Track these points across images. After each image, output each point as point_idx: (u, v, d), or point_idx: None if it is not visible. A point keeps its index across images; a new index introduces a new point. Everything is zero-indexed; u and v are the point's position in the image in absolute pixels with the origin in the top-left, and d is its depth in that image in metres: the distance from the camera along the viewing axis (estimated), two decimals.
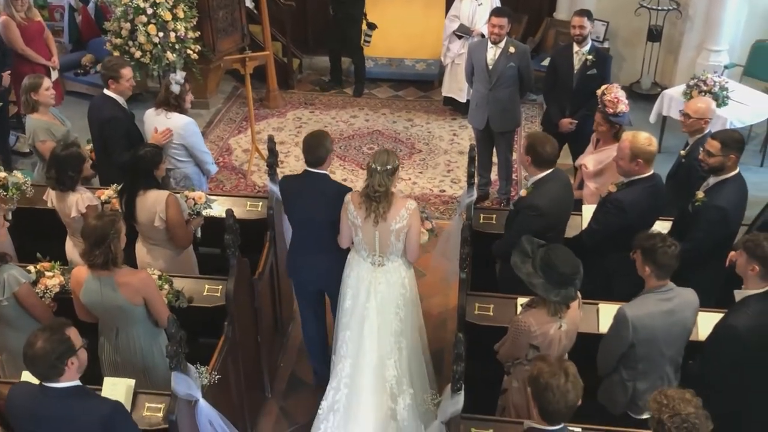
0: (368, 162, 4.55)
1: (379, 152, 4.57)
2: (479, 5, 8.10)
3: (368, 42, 9.15)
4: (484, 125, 6.95)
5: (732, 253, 4.07)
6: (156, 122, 5.73)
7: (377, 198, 4.47)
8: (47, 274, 4.59)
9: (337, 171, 7.89)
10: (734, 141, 4.65)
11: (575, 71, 6.62)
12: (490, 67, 6.70)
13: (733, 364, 3.86)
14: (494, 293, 4.64)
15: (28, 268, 4.58)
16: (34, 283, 4.51)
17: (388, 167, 4.45)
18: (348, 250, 4.80)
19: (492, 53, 6.68)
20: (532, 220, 4.53)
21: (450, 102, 9.01)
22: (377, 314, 4.71)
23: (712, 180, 4.72)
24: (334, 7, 8.89)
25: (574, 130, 6.70)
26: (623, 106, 5.41)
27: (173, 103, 5.70)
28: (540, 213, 4.53)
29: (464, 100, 8.56)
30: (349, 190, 4.73)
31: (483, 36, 7.81)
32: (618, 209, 4.64)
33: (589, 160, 5.68)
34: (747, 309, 3.86)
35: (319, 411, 4.89)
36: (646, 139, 4.61)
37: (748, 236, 4.00)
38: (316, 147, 4.67)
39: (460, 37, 8.31)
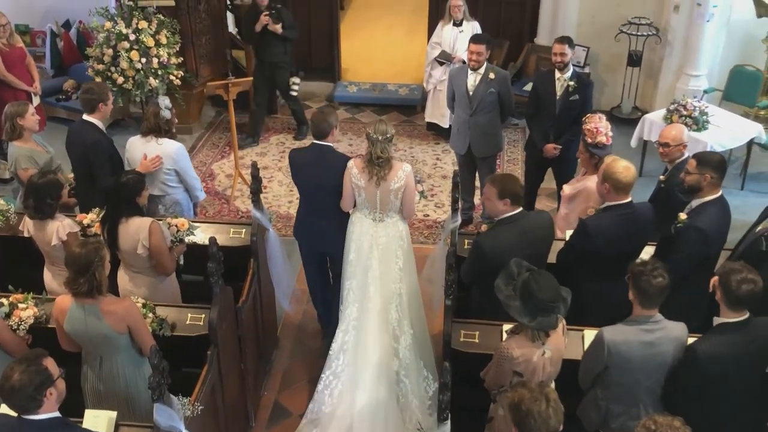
0: (367, 132, 5.14)
1: (378, 123, 5.16)
2: (460, 32, 8.16)
3: (296, 91, 8.94)
4: (466, 150, 6.98)
5: (714, 278, 4.08)
6: (146, 149, 5.71)
7: (380, 163, 5.08)
8: (20, 305, 4.52)
9: None
10: (710, 160, 4.66)
11: (557, 97, 6.67)
12: (471, 93, 6.75)
13: (694, 390, 3.89)
14: (480, 320, 4.62)
15: (0, 300, 4.51)
16: (8, 315, 4.44)
17: (387, 135, 5.08)
18: (348, 217, 5.35)
19: (472, 79, 6.73)
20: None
21: (433, 127, 9.04)
22: (379, 264, 5.28)
23: (694, 203, 4.74)
24: (259, 54, 8.56)
25: (558, 155, 6.74)
26: (603, 137, 5.39)
27: (165, 128, 5.72)
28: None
29: (447, 126, 8.59)
30: (348, 160, 5.28)
31: (464, 63, 7.83)
32: (583, 233, 4.66)
33: (567, 186, 5.72)
34: (714, 335, 3.89)
35: (330, 352, 5.40)
36: (623, 167, 4.59)
37: (727, 263, 4.01)
38: (321, 122, 5.27)
39: (441, 64, 8.36)
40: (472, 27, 8.11)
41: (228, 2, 8.04)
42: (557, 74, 6.67)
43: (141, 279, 4.94)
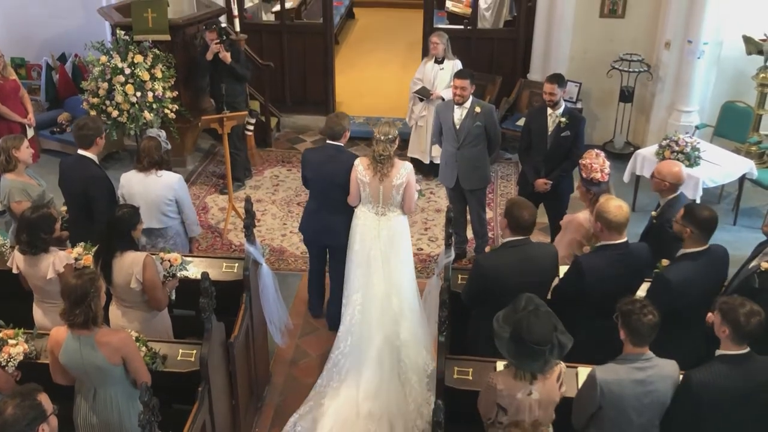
0: (374, 132, 5.70)
1: (382, 124, 5.74)
2: (441, 69, 8.21)
3: (250, 131, 8.86)
4: (455, 183, 7.04)
5: (710, 314, 4.08)
6: (146, 184, 5.76)
7: (382, 160, 5.62)
8: (10, 341, 4.49)
9: None
10: (696, 216, 4.61)
11: (549, 133, 6.72)
12: (458, 126, 6.81)
13: (688, 421, 3.88)
14: (473, 356, 4.59)
15: None
16: None
17: (389, 136, 5.63)
18: (350, 214, 5.87)
19: (459, 113, 6.80)
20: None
21: (414, 162, 9.04)
22: (381, 254, 5.76)
23: (681, 251, 4.75)
24: (216, 99, 8.27)
25: (550, 190, 6.78)
26: (597, 174, 5.41)
27: (166, 160, 5.80)
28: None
29: (427, 161, 8.66)
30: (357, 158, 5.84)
31: (443, 99, 7.99)
32: (575, 271, 4.67)
33: (566, 218, 5.74)
34: (713, 365, 3.91)
35: (338, 333, 5.89)
36: (615, 206, 4.61)
37: (725, 298, 4.01)
38: (336, 124, 5.91)
39: (421, 100, 8.40)
40: (453, 65, 8.14)
41: (223, 37, 8.08)
42: (549, 110, 6.73)
43: (133, 314, 4.92)
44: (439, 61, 8.21)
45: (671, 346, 4.42)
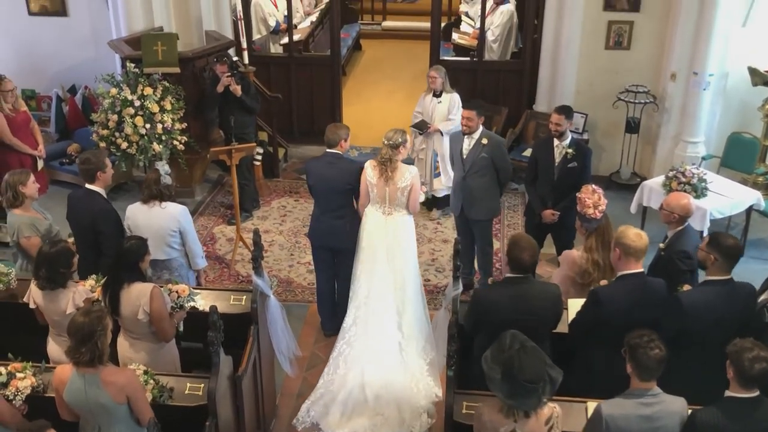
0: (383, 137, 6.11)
1: (390, 130, 6.15)
2: (438, 103, 8.24)
3: (258, 162, 9.02)
4: (459, 211, 7.10)
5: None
6: (150, 215, 5.81)
7: (385, 163, 6.06)
8: (18, 375, 4.47)
9: None
10: (721, 243, 4.64)
11: (556, 163, 6.75)
12: (464, 156, 6.88)
13: None
14: (483, 391, 4.55)
15: None
16: (5, 384, 4.40)
17: (391, 142, 6.06)
18: (356, 216, 6.31)
19: (467, 143, 6.87)
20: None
21: None
22: (386, 251, 6.17)
23: (704, 278, 4.75)
24: (226, 131, 8.31)
25: (557, 221, 6.78)
26: (591, 210, 5.41)
27: (166, 194, 5.83)
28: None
29: (422, 199, 8.64)
30: (358, 163, 6.32)
31: (441, 133, 8.13)
32: (593, 302, 4.66)
33: (564, 253, 5.75)
34: (716, 408, 3.87)
35: (344, 325, 6.26)
36: (635, 233, 4.65)
37: (737, 339, 3.97)
38: (333, 133, 6.30)
39: (421, 133, 8.43)
40: (451, 98, 8.21)
41: (234, 69, 8.17)
42: (555, 141, 6.76)
43: (141, 345, 4.93)
44: (437, 95, 8.26)
45: (682, 374, 4.41)
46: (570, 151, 6.66)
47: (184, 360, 5.17)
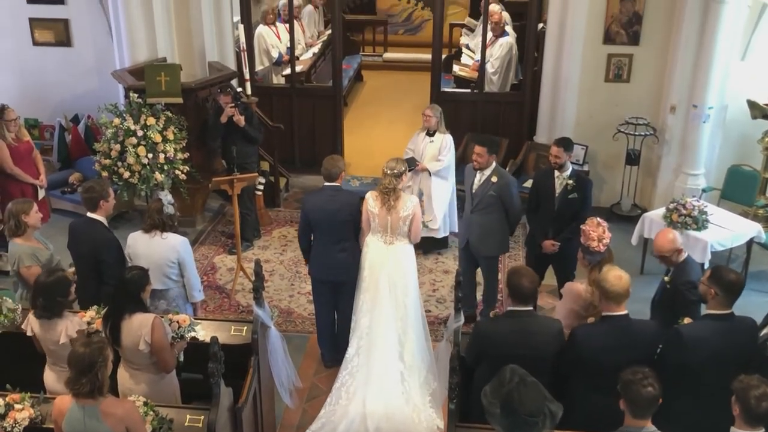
0: (383, 168, 6.22)
1: (391, 160, 6.29)
2: (430, 142, 8.17)
3: (261, 189, 9.05)
4: (465, 244, 7.13)
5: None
6: (151, 245, 5.81)
7: (387, 192, 6.13)
8: (17, 406, 4.45)
9: None
10: (721, 277, 4.62)
11: (556, 195, 6.78)
12: (474, 190, 6.90)
13: None
14: (484, 424, 4.52)
15: None
16: (3, 416, 4.37)
17: (394, 171, 6.17)
18: (355, 248, 6.36)
19: (478, 178, 6.90)
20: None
21: None
22: (388, 279, 6.21)
23: (705, 311, 4.74)
24: (228, 161, 8.32)
25: (558, 252, 6.78)
26: (595, 243, 5.40)
27: (168, 224, 5.83)
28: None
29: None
30: (358, 195, 6.43)
31: (429, 173, 8.09)
32: (570, 341, 4.66)
33: (567, 285, 5.72)
34: None
35: (346, 355, 6.30)
36: (614, 276, 4.58)
37: (742, 376, 3.95)
38: (332, 167, 6.36)
39: (409, 169, 8.41)
40: (443, 139, 8.13)
41: (238, 100, 8.23)
42: (556, 173, 6.79)
43: (141, 376, 4.91)
44: (431, 134, 8.18)
45: (680, 410, 4.37)
46: (570, 182, 6.70)
47: (184, 391, 5.14)
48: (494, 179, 6.80)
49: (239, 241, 8.04)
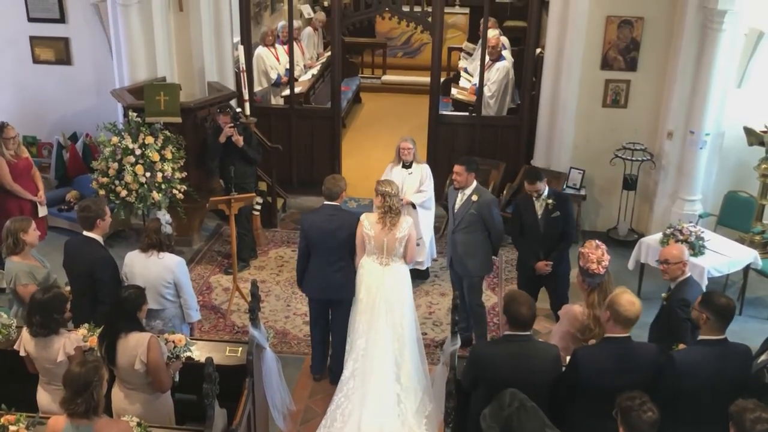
0: (379, 189, 6.30)
1: (385, 182, 6.39)
2: (409, 174, 8.08)
3: (258, 210, 9.08)
4: (449, 264, 7.19)
5: None
6: (147, 264, 5.81)
7: (394, 213, 6.22)
8: (11, 428, 4.42)
9: None
10: (713, 302, 4.63)
11: (539, 217, 6.83)
12: (456, 210, 6.97)
13: None
14: None
15: None
16: None
17: (397, 191, 6.34)
18: (350, 268, 6.40)
19: (459, 198, 6.96)
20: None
21: None
22: (384, 301, 6.24)
23: (698, 337, 4.74)
24: (226, 181, 8.37)
25: (550, 272, 6.83)
26: (594, 266, 5.39)
27: (165, 243, 5.84)
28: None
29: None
30: (355, 216, 6.44)
31: (414, 206, 7.99)
32: (571, 363, 4.66)
33: (564, 308, 5.71)
34: None
35: (341, 378, 6.32)
36: (628, 301, 4.59)
37: (739, 400, 3.95)
38: (334, 186, 6.44)
39: None
40: (422, 170, 8.11)
41: (237, 120, 8.27)
42: (534, 196, 6.85)
43: (136, 396, 4.89)
44: (407, 166, 8.11)
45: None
46: (550, 202, 6.79)
47: (178, 412, 5.12)
48: (475, 198, 6.85)
49: (235, 261, 8.04)
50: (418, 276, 8.46)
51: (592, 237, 6.38)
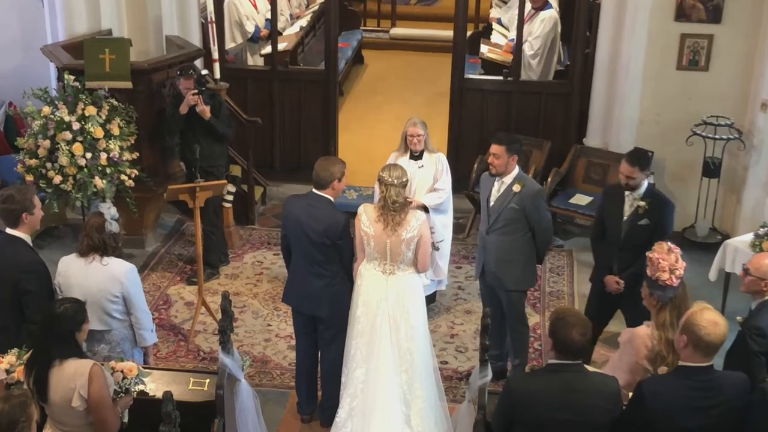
0: (380, 175, 6.21)
1: (391, 167, 6.30)
2: (420, 167, 7.84)
3: (230, 201, 9.12)
4: (480, 273, 7.16)
5: None
6: (87, 272, 5.80)
7: (395, 208, 6.11)
8: None
9: None
10: None
11: (624, 218, 6.75)
12: (491, 204, 6.92)
13: None
14: None
15: None
16: None
17: (403, 180, 6.17)
18: (338, 276, 6.35)
19: (496, 187, 6.90)
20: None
21: None
22: (389, 320, 6.20)
23: None
24: (189, 164, 8.51)
25: (625, 293, 6.72)
26: (666, 275, 5.36)
27: (111, 245, 5.82)
28: None
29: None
30: (346, 216, 6.33)
31: (426, 210, 7.65)
32: (636, 396, 4.65)
33: (625, 332, 5.71)
34: None
35: (336, 419, 6.32)
36: (710, 321, 4.56)
37: None
38: (322, 170, 6.31)
39: None
40: (436, 161, 7.88)
41: (202, 86, 8.27)
42: (626, 191, 6.76)
43: None
44: (417, 157, 7.86)
45: None
46: (642, 204, 6.65)
47: None
48: (516, 188, 6.79)
49: (201, 267, 8.05)
50: (427, 300, 7.86)
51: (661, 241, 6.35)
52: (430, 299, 8.09)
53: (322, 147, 10.23)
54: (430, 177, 7.85)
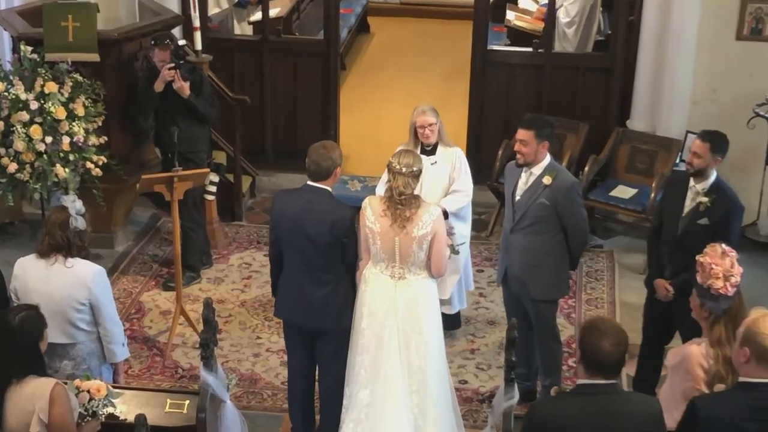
0: (389, 162, 6.13)
1: (402, 153, 6.25)
2: (433, 163, 7.62)
3: (213, 193, 9.12)
4: (502, 278, 7.17)
5: None
6: (49, 276, 5.81)
7: (403, 201, 6.03)
8: None
9: None
10: None
11: (683, 214, 6.73)
12: (516, 198, 6.89)
13: None
14: None
15: None
16: None
17: (413, 169, 6.05)
18: (343, 283, 6.30)
19: (524, 179, 6.86)
20: None
21: None
22: (398, 333, 6.18)
23: None
24: (165, 149, 8.62)
25: (678, 300, 6.69)
26: (719, 283, 5.33)
27: (76, 245, 5.84)
28: None
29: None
30: (353, 210, 6.26)
31: (446, 215, 7.35)
32: (690, 418, 4.63)
33: (673, 353, 5.68)
34: None
35: None
36: None
37: None
38: (324, 158, 6.19)
39: None
40: (452, 156, 7.72)
41: (179, 59, 8.29)
42: (691, 181, 6.72)
43: None
44: (429, 152, 7.67)
45: None
46: (704, 200, 6.61)
47: None
48: (547, 180, 6.76)
49: (179, 270, 8.07)
50: (448, 325, 7.84)
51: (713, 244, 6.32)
52: (454, 323, 8.09)
53: (320, 130, 10.24)
54: (445, 176, 7.69)
